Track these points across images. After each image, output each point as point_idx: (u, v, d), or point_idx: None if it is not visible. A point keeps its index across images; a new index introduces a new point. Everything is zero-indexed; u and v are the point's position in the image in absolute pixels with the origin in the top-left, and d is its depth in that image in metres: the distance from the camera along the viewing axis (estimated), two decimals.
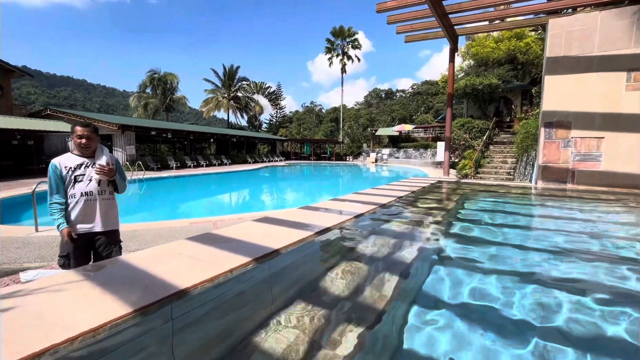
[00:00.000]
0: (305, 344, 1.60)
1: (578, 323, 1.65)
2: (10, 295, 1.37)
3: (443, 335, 1.68)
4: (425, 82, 66.30)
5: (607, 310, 1.79)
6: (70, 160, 2.27)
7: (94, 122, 19.47)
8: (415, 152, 29.80)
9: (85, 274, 1.62)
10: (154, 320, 1.29)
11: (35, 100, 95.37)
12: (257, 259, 1.85)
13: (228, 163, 26.56)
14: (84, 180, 2.25)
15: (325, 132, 52.91)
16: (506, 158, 14.95)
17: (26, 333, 1.10)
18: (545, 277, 2.27)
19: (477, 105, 21.42)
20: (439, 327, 1.76)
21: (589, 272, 2.35)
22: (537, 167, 6.47)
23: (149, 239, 5.35)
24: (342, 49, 41.97)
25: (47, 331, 1.11)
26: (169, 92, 39.63)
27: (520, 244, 2.99)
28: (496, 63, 22.36)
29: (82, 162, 2.28)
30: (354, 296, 2.04)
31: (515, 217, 4.29)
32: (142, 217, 9.56)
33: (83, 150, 2.29)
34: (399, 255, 2.59)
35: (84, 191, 2.24)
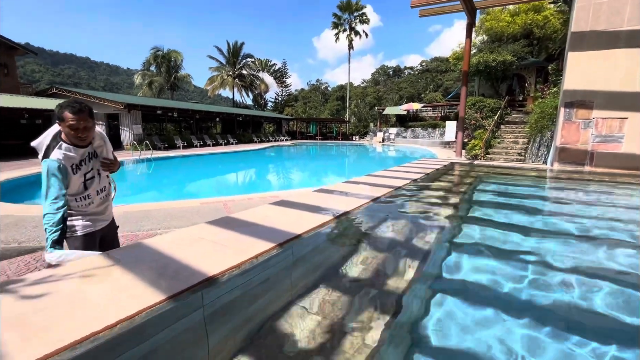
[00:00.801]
0: (331, 330, 1.62)
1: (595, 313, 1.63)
2: (42, 281, 1.38)
3: (465, 320, 1.68)
4: (434, 59, 64.21)
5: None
6: (72, 155, 1.87)
7: (101, 101, 19.40)
8: (423, 132, 29.29)
9: (114, 259, 1.63)
10: (186, 307, 1.29)
11: (40, 78, 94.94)
12: (281, 245, 1.84)
13: (234, 142, 26.51)
14: (94, 177, 1.99)
15: (332, 111, 52.14)
16: (517, 138, 14.64)
17: (64, 321, 1.11)
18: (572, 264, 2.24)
19: (489, 84, 20.76)
20: (461, 313, 1.76)
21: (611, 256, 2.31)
22: (553, 149, 6.30)
23: (160, 219, 5.43)
24: (349, 23, 40.48)
25: (84, 319, 1.12)
26: (173, 70, 39.05)
27: (543, 228, 2.95)
28: (511, 38, 21.41)
29: (83, 153, 1.92)
30: (375, 281, 2.04)
31: (535, 200, 4.23)
32: (152, 196, 9.68)
33: (79, 141, 1.89)
34: (419, 240, 2.58)
35: (98, 189, 2.03)
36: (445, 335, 1.55)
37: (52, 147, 1.84)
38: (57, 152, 1.82)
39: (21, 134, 17.83)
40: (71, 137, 1.85)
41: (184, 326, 1.26)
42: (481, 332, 1.52)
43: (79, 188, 1.91)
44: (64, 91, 20.10)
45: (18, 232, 4.77)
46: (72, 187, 1.88)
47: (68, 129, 1.80)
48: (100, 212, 2.07)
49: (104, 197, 2.08)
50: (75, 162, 1.87)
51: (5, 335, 1.03)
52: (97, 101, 19.19)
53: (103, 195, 2.07)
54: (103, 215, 2.10)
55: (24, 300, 1.23)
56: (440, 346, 1.46)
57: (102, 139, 2.05)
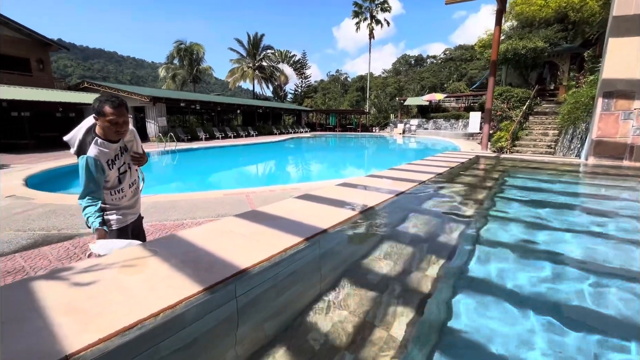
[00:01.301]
0: (357, 324, 1.65)
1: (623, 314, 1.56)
2: (89, 270, 1.48)
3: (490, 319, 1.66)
4: (459, 47, 61.81)
5: None
6: (106, 151, 1.88)
7: (127, 94, 20.11)
8: (446, 123, 28.45)
9: (151, 250, 1.72)
10: (220, 298, 1.35)
11: (72, 72, 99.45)
12: (308, 239, 1.87)
13: (254, 134, 26.83)
14: (127, 171, 2.03)
15: (351, 102, 51.57)
16: (547, 130, 13.95)
17: (113, 307, 1.19)
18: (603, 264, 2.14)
19: (517, 72, 19.77)
20: (486, 311, 1.73)
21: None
22: (589, 141, 5.97)
23: (186, 209, 5.62)
24: (370, 12, 39.53)
25: (130, 306, 1.20)
26: (195, 63, 39.75)
27: (576, 228, 2.83)
28: (543, 23, 20.17)
29: (116, 148, 1.94)
30: (400, 277, 2.05)
31: (567, 197, 4.04)
32: (177, 186, 10.02)
33: (116, 136, 1.91)
34: (444, 236, 2.54)
35: (130, 182, 2.06)
36: (470, 334, 1.53)
37: (87, 142, 1.86)
38: (94, 148, 1.84)
39: (56, 126, 18.84)
40: (109, 132, 1.86)
41: (219, 317, 1.32)
42: (507, 333, 1.50)
43: (113, 182, 1.95)
44: (94, 85, 20.96)
45: (57, 220, 5.08)
46: (107, 182, 1.92)
47: (108, 124, 1.81)
48: (131, 206, 2.12)
49: (134, 191, 2.13)
50: (110, 158, 1.89)
51: (62, 319, 1.12)
52: (124, 94, 19.91)
53: (134, 189, 2.12)
54: (134, 209, 2.16)
55: (75, 287, 1.33)
56: (466, 345, 1.45)
57: (132, 133, 2.08)
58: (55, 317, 1.12)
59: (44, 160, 11.76)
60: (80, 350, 0.95)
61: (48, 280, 1.38)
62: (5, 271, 3.42)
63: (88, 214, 1.78)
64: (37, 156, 13.29)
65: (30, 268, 3.52)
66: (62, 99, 16.84)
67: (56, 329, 1.05)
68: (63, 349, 0.95)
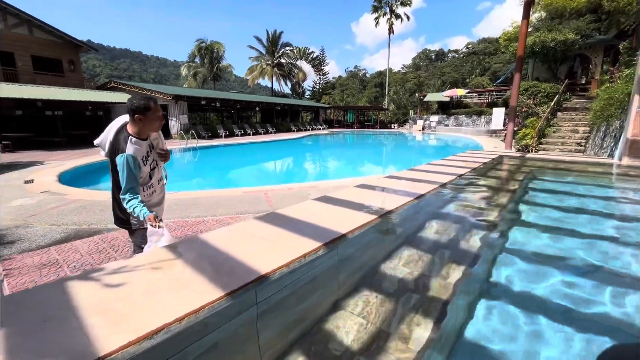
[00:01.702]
0: (374, 333, 1.64)
1: None
2: (118, 271, 1.56)
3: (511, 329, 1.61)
4: (482, 40, 59.72)
5: None
6: (139, 148, 1.95)
7: (151, 92, 20.78)
8: (467, 119, 27.63)
9: (175, 252, 1.78)
10: (242, 304, 1.39)
11: (100, 72, 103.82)
12: (327, 244, 1.88)
13: (273, 131, 27.08)
14: (155, 167, 2.10)
15: (369, 98, 51.01)
16: (577, 127, 13.27)
17: (140, 310, 1.25)
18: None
19: (545, 66, 18.85)
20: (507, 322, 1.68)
21: None
22: (623, 141, 5.63)
23: (207, 206, 5.76)
24: (390, 6, 38.80)
25: (157, 310, 1.25)
26: (216, 61, 40.45)
27: (605, 235, 2.69)
28: (574, 14, 19.09)
29: (146, 145, 2.02)
30: (419, 284, 2.02)
31: (597, 201, 3.84)
32: (198, 183, 10.29)
33: (157, 130, 2.04)
34: (465, 242, 2.48)
35: (158, 178, 2.13)
36: (490, 341, 1.50)
37: (120, 142, 1.92)
38: (130, 146, 1.91)
39: (86, 124, 19.74)
40: (152, 127, 1.99)
41: (240, 322, 1.35)
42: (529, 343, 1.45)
43: (145, 178, 2.01)
44: (121, 84, 21.78)
45: (87, 215, 5.34)
46: (140, 178, 1.97)
47: (155, 118, 1.95)
48: (159, 202, 2.18)
49: (161, 187, 2.19)
50: (143, 154, 1.97)
51: (94, 319, 1.19)
52: (148, 93, 20.59)
53: (161, 185, 2.18)
54: (161, 205, 2.23)
55: (105, 288, 1.40)
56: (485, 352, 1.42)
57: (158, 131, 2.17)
58: (88, 318, 1.19)
59: (75, 157, 12.37)
60: (112, 352, 1.01)
61: (82, 280, 1.47)
62: (41, 264, 3.64)
63: (133, 206, 1.85)
64: (68, 153, 14.00)
65: (64, 261, 3.73)
66: (91, 98, 17.62)
67: (90, 330, 1.11)
68: (97, 351, 1.01)
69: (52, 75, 20.72)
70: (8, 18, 18.57)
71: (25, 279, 3.24)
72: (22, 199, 6.26)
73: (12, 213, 5.41)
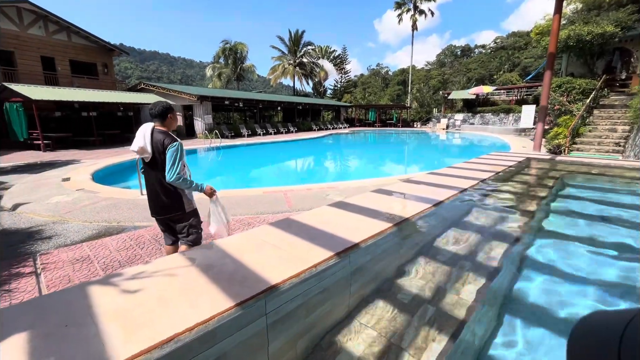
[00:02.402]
0: (385, 347, 1.62)
1: None
2: (137, 277, 1.63)
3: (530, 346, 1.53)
4: (512, 34, 57.15)
5: None
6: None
7: (177, 93, 21.57)
8: (494, 117, 26.58)
9: (191, 259, 1.84)
10: (251, 314, 1.41)
11: (131, 74, 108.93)
12: (339, 254, 1.87)
13: (294, 131, 27.30)
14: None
15: (392, 97, 50.21)
16: (616, 125, 12.43)
17: (155, 319, 1.30)
18: None
19: (581, 60, 17.74)
20: (526, 340, 1.61)
21: None
22: None
23: (228, 207, 5.88)
24: (414, 2, 37.94)
25: (170, 319, 1.30)
26: (239, 62, 41.26)
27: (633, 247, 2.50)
28: (614, 4, 17.81)
29: None
30: (434, 298, 1.97)
31: (631, 210, 3.57)
32: (221, 182, 10.56)
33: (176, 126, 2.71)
34: (484, 254, 2.39)
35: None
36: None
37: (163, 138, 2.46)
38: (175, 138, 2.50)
39: (118, 124, 20.80)
40: (175, 123, 2.62)
41: (249, 332, 1.38)
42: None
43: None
44: (149, 86, 22.76)
45: (117, 213, 5.63)
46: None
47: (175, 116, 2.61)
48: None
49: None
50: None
51: (111, 326, 1.25)
52: (175, 94, 21.35)
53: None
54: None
55: (123, 295, 1.47)
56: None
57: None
58: (106, 324, 1.25)
59: (108, 156, 13.06)
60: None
61: (102, 285, 1.55)
62: (75, 259, 3.88)
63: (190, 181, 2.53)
64: (102, 152, 14.82)
65: (94, 257, 3.96)
66: (122, 99, 18.53)
67: (106, 337, 1.17)
68: (111, 358, 1.07)
69: (88, 78, 21.96)
70: (49, 25, 19.85)
71: (60, 273, 3.47)
72: (60, 196, 6.70)
73: (51, 210, 5.80)
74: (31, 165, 11.46)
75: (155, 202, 2.64)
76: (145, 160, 2.54)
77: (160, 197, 2.58)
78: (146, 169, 2.59)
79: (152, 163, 2.51)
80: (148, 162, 2.52)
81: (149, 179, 2.60)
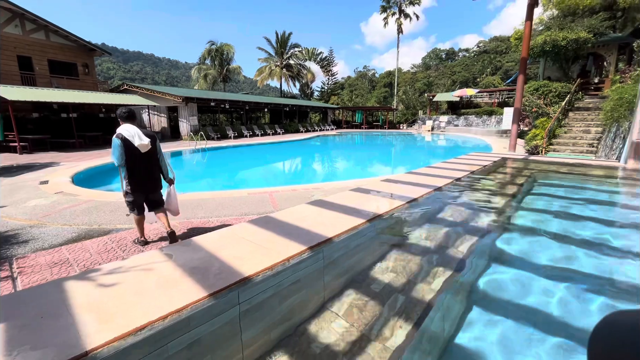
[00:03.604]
0: (356, 335, 1.71)
1: None
2: (114, 271, 1.68)
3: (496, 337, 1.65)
4: (493, 39, 58.77)
5: None
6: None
7: (162, 94, 21.25)
8: (477, 119, 27.30)
9: (168, 254, 1.90)
10: (224, 304, 1.48)
11: (114, 75, 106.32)
12: (312, 248, 1.96)
13: (281, 132, 27.28)
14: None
15: (378, 99, 50.82)
16: (589, 127, 12.99)
17: (129, 309, 1.36)
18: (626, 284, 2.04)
19: (557, 65, 18.45)
20: (493, 329, 1.72)
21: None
22: (629, 143, 5.53)
23: (212, 208, 5.90)
24: (399, 6, 38.58)
25: (144, 308, 1.36)
26: (226, 63, 40.96)
27: (599, 243, 2.68)
28: (587, 11, 18.64)
29: None
30: (404, 288, 2.07)
31: (596, 207, 3.79)
32: (206, 184, 10.49)
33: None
34: (453, 248, 2.52)
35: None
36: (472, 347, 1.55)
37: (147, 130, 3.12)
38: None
39: (99, 126, 20.30)
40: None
41: (222, 320, 1.45)
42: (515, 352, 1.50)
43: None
44: (133, 87, 22.33)
45: (98, 216, 5.54)
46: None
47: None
48: None
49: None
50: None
51: (87, 317, 1.30)
52: (159, 95, 21.03)
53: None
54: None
55: (100, 288, 1.52)
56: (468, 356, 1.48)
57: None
58: (81, 315, 1.30)
59: (89, 158, 12.76)
60: (98, 347, 1.12)
61: (79, 280, 1.59)
62: (53, 262, 3.82)
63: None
64: (83, 154, 14.45)
65: (74, 260, 3.91)
66: (104, 100, 18.13)
67: (81, 326, 1.23)
68: (85, 345, 1.12)
69: (68, 79, 21.38)
70: (26, 24, 19.26)
71: (37, 277, 3.42)
72: (37, 200, 6.54)
73: (28, 213, 5.66)
74: (7, 168, 11.09)
75: (150, 181, 3.45)
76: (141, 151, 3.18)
77: (154, 177, 3.44)
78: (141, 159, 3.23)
79: (150, 152, 3.27)
80: (146, 152, 3.22)
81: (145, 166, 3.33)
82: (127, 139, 3.11)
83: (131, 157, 3.19)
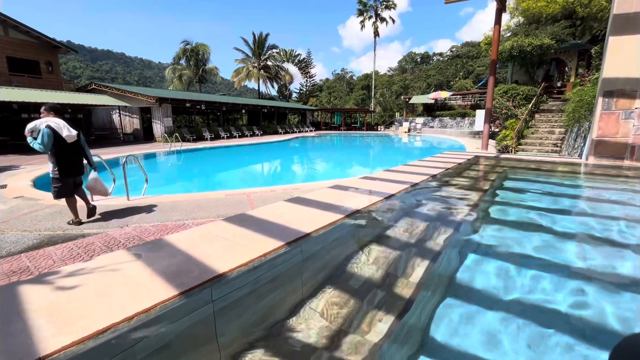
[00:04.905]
0: (335, 330, 1.69)
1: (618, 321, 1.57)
2: (75, 273, 1.56)
3: (472, 326, 1.68)
4: (465, 44, 61.21)
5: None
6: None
7: (134, 95, 20.44)
8: (452, 121, 28.29)
9: (136, 254, 1.79)
10: (197, 302, 1.41)
11: (81, 74, 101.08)
12: (289, 243, 1.92)
13: (259, 134, 26.97)
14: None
15: (357, 101, 51.46)
16: (554, 128, 13.76)
17: (91, 310, 1.26)
18: (588, 270, 2.15)
19: (523, 69, 19.46)
20: (469, 318, 1.75)
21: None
22: (589, 141, 5.89)
23: (188, 210, 5.70)
24: (375, 10, 39.31)
25: (108, 310, 1.27)
26: (201, 63, 40.06)
27: (565, 231, 2.82)
28: (550, 19, 19.83)
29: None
30: (383, 282, 2.08)
31: (561, 200, 4.01)
32: (181, 186, 10.15)
33: None
34: (431, 241, 2.56)
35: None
36: (449, 337, 1.57)
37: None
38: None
39: None
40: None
41: (194, 319, 1.38)
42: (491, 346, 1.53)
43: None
44: (102, 87, 21.31)
45: (62, 221, 5.21)
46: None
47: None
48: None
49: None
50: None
51: (42, 321, 1.20)
52: (132, 95, 20.19)
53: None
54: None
55: (58, 291, 1.40)
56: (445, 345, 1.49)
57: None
58: (35, 320, 1.19)
59: None
60: (53, 352, 1.02)
61: (35, 283, 1.46)
62: (11, 271, 3.54)
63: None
64: (45, 157, 13.61)
65: (35, 268, 3.64)
66: (70, 100, 17.17)
67: (34, 331, 1.12)
68: (37, 351, 1.02)
69: (29, 77, 20.11)
70: None
71: None
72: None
73: None
74: None
75: (78, 167, 4.17)
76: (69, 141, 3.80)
77: (81, 162, 4.16)
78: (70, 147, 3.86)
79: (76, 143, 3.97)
80: (72, 143, 3.87)
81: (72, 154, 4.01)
82: (56, 130, 3.60)
83: (60, 147, 3.73)
